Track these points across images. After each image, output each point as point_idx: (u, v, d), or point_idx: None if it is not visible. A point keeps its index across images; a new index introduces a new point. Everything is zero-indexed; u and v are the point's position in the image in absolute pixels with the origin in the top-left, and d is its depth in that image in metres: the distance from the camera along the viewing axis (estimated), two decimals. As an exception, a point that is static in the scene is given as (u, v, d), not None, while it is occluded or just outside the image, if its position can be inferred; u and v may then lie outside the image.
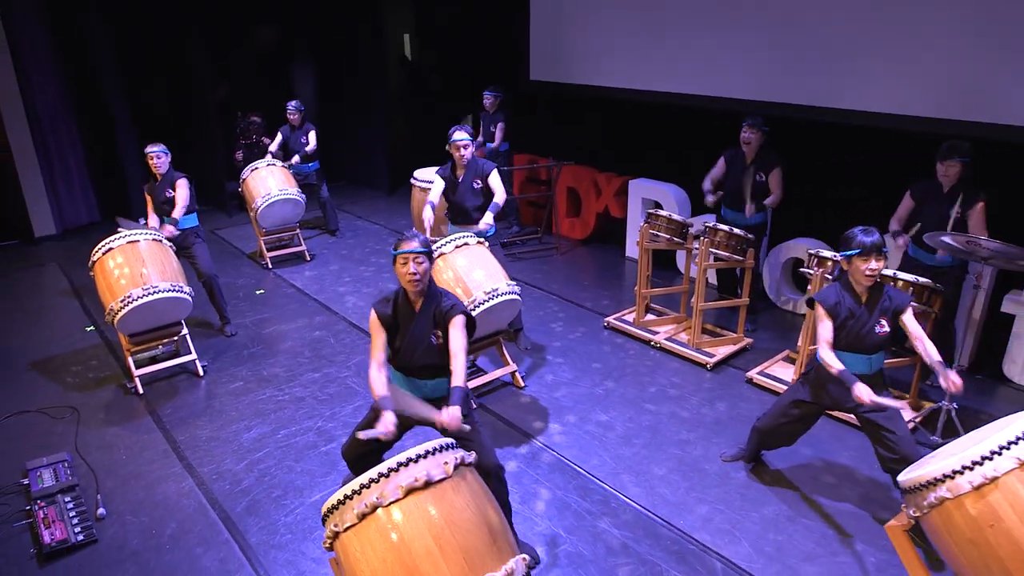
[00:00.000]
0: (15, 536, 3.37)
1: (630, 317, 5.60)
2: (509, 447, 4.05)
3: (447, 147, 5.02)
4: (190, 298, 4.66)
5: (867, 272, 3.11)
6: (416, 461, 2.18)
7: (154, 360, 4.92)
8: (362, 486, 2.13)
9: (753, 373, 4.74)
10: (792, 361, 4.88)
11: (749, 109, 5.67)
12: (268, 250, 6.97)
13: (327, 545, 2.23)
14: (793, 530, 3.39)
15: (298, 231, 7.14)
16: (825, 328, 3.18)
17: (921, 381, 4.35)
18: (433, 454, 2.22)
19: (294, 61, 9.61)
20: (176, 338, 4.87)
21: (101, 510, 3.53)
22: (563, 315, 5.84)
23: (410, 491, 2.11)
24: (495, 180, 4.92)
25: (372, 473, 2.14)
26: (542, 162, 7.65)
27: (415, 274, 2.95)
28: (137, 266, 4.48)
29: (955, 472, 2.30)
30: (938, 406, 4.05)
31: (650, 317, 5.59)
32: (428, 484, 2.13)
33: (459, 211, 5.05)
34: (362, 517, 2.10)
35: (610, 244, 7.53)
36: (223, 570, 3.16)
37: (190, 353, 4.86)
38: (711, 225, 4.94)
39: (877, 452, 3.23)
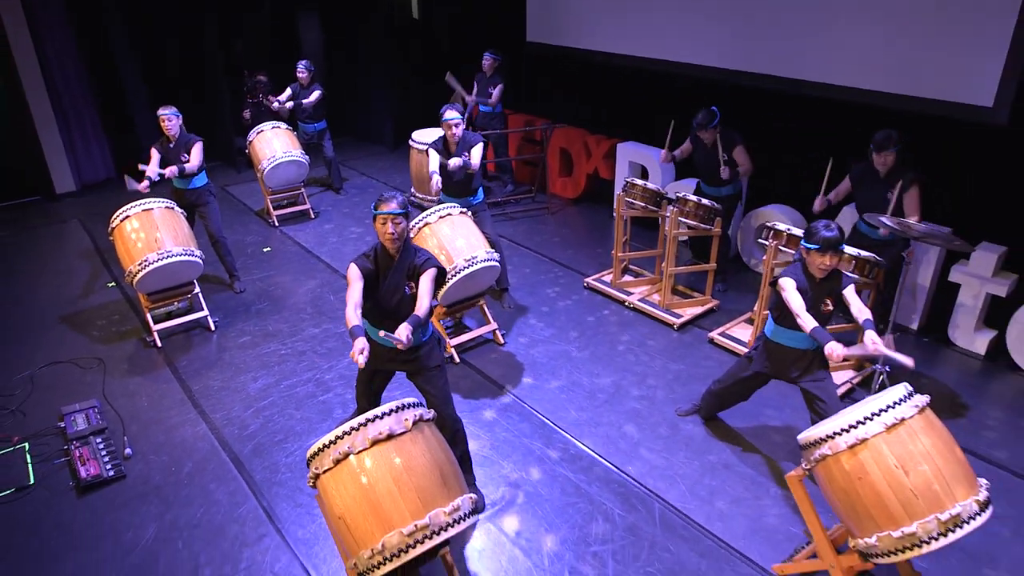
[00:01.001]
0: (56, 472, 3.94)
1: (608, 278, 6.00)
2: (485, 399, 4.54)
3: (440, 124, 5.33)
4: (201, 261, 5.11)
5: (821, 266, 3.43)
6: (381, 418, 2.64)
7: (170, 316, 5.41)
8: (337, 437, 2.61)
9: (714, 334, 5.16)
10: (751, 322, 5.29)
11: (735, 79, 5.91)
12: (274, 208, 7.38)
13: (311, 484, 2.73)
14: (726, 476, 3.87)
15: (303, 190, 7.53)
16: (797, 299, 3.43)
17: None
18: (397, 411, 2.69)
19: (301, 17, 9.79)
20: (190, 296, 5.36)
21: (128, 450, 4.08)
22: (548, 275, 6.25)
23: (375, 442, 2.58)
24: (476, 151, 5.21)
25: (345, 427, 2.61)
26: (538, 123, 7.92)
27: (393, 233, 3.31)
28: (152, 232, 4.92)
29: (835, 433, 2.74)
30: (873, 369, 4.45)
31: (627, 278, 5.98)
32: (391, 436, 2.60)
33: (450, 182, 5.39)
34: (336, 463, 2.58)
35: (600, 204, 7.86)
36: (232, 502, 3.71)
37: (203, 310, 5.35)
38: (681, 195, 5.28)
39: (811, 416, 3.66)
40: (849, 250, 4.39)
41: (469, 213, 5.01)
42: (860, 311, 3.39)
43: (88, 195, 8.28)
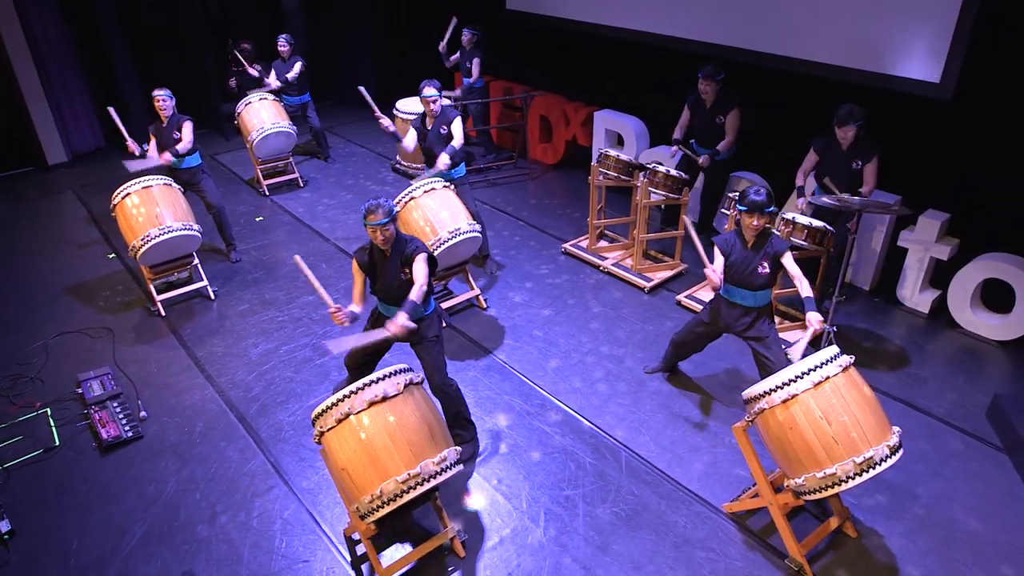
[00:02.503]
0: (78, 434, 4.32)
1: (585, 244, 6.36)
2: (469, 360, 4.94)
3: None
4: (199, 234, 5.42)
5: (750, 226, 3.85)
6: (377, 382, 3.03)
7: (171, 286, 5.73)
8: (338, 400, 3.00)
9: (681, 296, 5.56)
10: (718, 286, 5.68)
11: (708, 52, 6.18)
12: (264, 177, 7.63)
13: (316, 440, 3.13)
14: (687, 428, 4.32)
15: (291, 159, 7.77)
16: (717, 260, 3.96)
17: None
18: (390, 376, 3.08)
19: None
20: (189, 267, 5.67)
21: (143, 413, 4.46)
22: (529, 241, 6.59)
23: (371, 403, 2.97)
24: (455, 126, 5.50)
25: (345, 391, 3.00)
26: (517, 91, 8.15)
27: (383, 239, 3.69)
28: (152, 208, 5.20)
29: (771, 390, 3.16)
30: (821, 328, 4.87)
31: (603, 243, 6.34)
32: (385, 398, 2.99)
33: (430, 156, 5.67)
34: (338, 422, 2.98)
35: (578, 169, 8.15)
36: (243, 458, 4.11)
37: (202, 280, 5.67)
38: (651, 166, 5.61)
39: (759, 371, 4.09)
40: (801, 219, 4.77)
41: (452, 187, 5.32)
42: (801, 284, 3.79)
43: (80, 165, 8.47)
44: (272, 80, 7.74)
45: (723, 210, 5.31)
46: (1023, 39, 4.70)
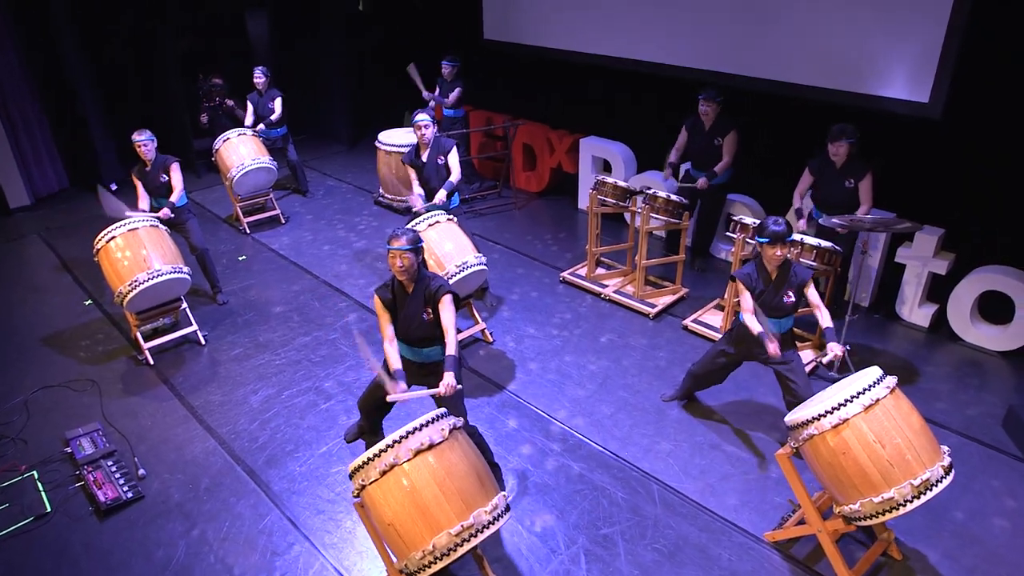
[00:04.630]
0: (72, 498, 4.00)
1: (583, 271, 6.30)
2: (482, 397, 4.78)
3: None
4: (189, 277, 5.16)
5: (772, 257, 3.82)
6: (420, 429, 2.86)
7: (156, 332, 5.44)
8: (381, 451, 2.82)
9: (688, 321, 5.53)
10: (721, 308, 5.67)
11: (696, 77, 6.25)
12: (244, 215, 7.38)
13: (355, 494, 2.94)
14: (714, 455, 4.24)
15: (271, 195, 7.54)
16: (746, 299, 3.90)
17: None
18: (433, 422, 2.91)
19: (249, 16, 9.65)
20: (176, 311, 5.40)
21: (141, 471, 4.16)
22: (523, 270, 6.50)
23: (418, 452, 2.80)
24: (453, 158, 5.42)
25: (388, 440, 2.83)
26: (498, 120, 8.12)
27: (401, 266, 3.54)
28: (139, 251, 4.94)
29: (820, 415, 3.10)
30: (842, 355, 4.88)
31: (600, 271, 6.29)
32: (431, 446, 2.83)
33: (429, 190, 5.55)
34: (383, 473, 2.80)
35: (564, 196, 8.14)
36: (256, 515, 3.86)
37: (191, 324, 5.40)
38: (651, 192, 5.60)
39: (783, 395, 4.05)
40: (810, 240, 4.80)
41: (455, 219, 5.21)
42: (822, 314, 3.84)
43: (43, 208, 8.07)
44: (248, 119, 7.53)
45: (728, 234, 5.31)
46: (1009, 56, 4.87)
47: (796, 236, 4.86)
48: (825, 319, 3.84)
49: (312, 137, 10.34)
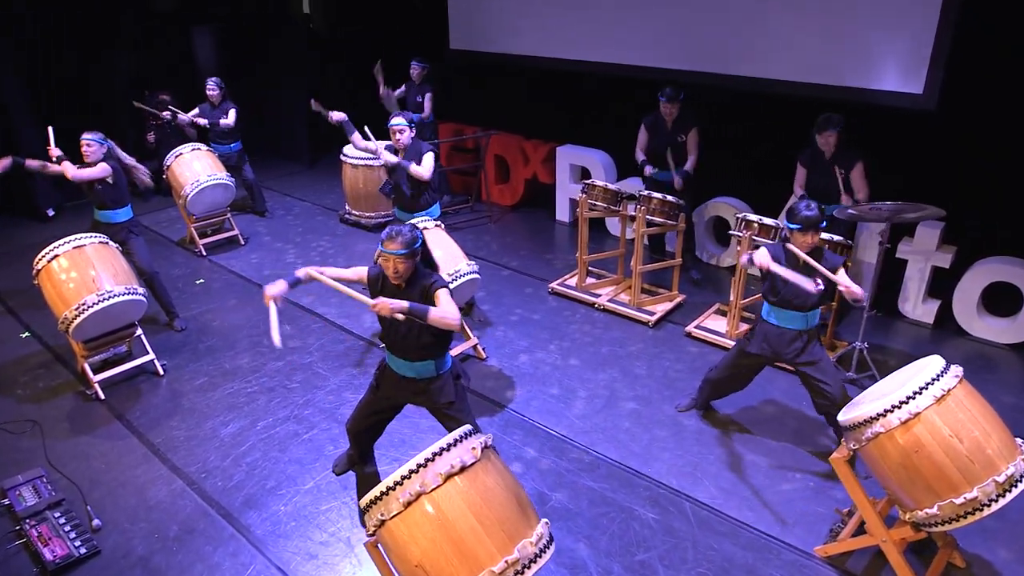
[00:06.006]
0: (11, 558, 3.37)
1: (571, 282, 5.96)
2: (484, 417, 4.34)
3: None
4: (145, 299, 4.60)
5: (805, 244, 3.53)
6: (448, 450, 2.43)
7: (106, 364, 4.82)
8: (403, 477, 2.37)
9: (691, 327, 5.23)
10: (723, 313, 5.40)
11: (666, 77, 6.05)
12: (200, 237, 6.80)
13: (370, 533, 2.47)
14: (743, 467, 3.90)
15: (229, 215, 6.99)
16: (778, 265, 3.44)
17: (836, 326, 4.96)
18: (461, 441, 2.48)
19: (196, 33, 9.11)
20: (129, 340, 4.80)
21: (96, 521, 3.56)
22: (509, 284, 6.12)
23: (448, 477, 2.36)
24: (427, 159, 4.99)
25: (411, 465, 2.38)
26: (469, 131, 7.78)
27: (396, 273, 3.10)
28: (86, 270, 4.37)
29: (886, 411, 2.80)
30: (852, 347, 4.66)
31: (590, 280, 5.96)
32: (463, 468, 2.39)
33: (400, 194, 5.13)
34: (407, 504, 2.34)
35: (540, 208, 7.82)
36: (237, 564, 3.32)
37: (146, 353, 4.80)
38: (645, 194, 5.32)
39: (812, 398, 3.74)
40: (823, 235, 4.57)
41: (442, 225, 4.81)
42: (847, 285, 3.48)
43: (-33, 237, 7.30)
44: (186, 119, 6.94)
45: (732, 233, 5.06)
46: (1002, 45, 4.80)
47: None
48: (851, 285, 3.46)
49: (267, 158, 9.77)
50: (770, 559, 3.30)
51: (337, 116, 5.11)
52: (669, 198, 5.26)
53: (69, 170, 4.94)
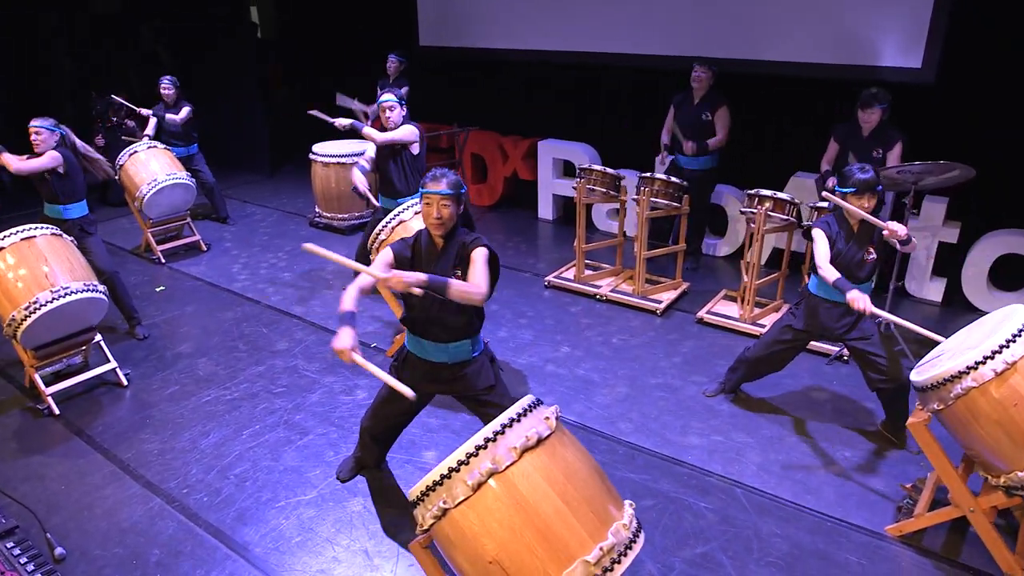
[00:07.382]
0: (-44, 598, 2.78)
1: (568, 274, 5.65)
2: (499, 413, 3.94)
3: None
4: (105, 298, 4.06)
5: (862, 208, 3.31)
6: (518, 420, 2.04)
7: (58, 377, 4.23)
8: (468, 455, 1.96)
9: (702, 313, 4.97)
10: (731, 299, 5.17)
11: (665, 65, 5.87)
12: (157, 243, 6.21)
13: (426, 528, 2.04)
14: (789, 449, 3.62)
15: (188, 220, 6.42)
16: (822, 250, 3.34)
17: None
18: (531, 411, 2.10)
19: (140, 33, 8.55)
20: (86, 347, 4.23)
21: (59, 550, 3.00)
22: (502, 279, 5.71)
23: (524, 451, 1.97)
24: (404, 129, 4.63)
25: (477, 440, 1.98)
26: (444, 129, 7.44)
27: (439, 218, 2.72)
28: (37, 265, 3.80)
29: (977, 363, 2.55)
30: (878, 320, 4.45)
31: (588, 272, 5.65)
32: (540, 441, 2.01)
33: (385, 180, 4.75)
34: (477, 487, 1.93)
35: (519, 208, 7.51)
36: (238, 587, 2.82)
37: (108, 362, 4.23)
38: (647, 176, 5.07)
39: (866, 375, 3.49)
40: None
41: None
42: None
43: None
44: (150, 129, 6.43)
45: (742, 210, 4.84)
46: (1002, 16, 4.77)
47: (823, 204, 4.45)
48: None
49: (225, 166, 9.19)
50: (841, 543, 2.99)
51: (342, 124, 4.91)
52: (673, 179, 5.02)
53: (12, 162, 4.39)
